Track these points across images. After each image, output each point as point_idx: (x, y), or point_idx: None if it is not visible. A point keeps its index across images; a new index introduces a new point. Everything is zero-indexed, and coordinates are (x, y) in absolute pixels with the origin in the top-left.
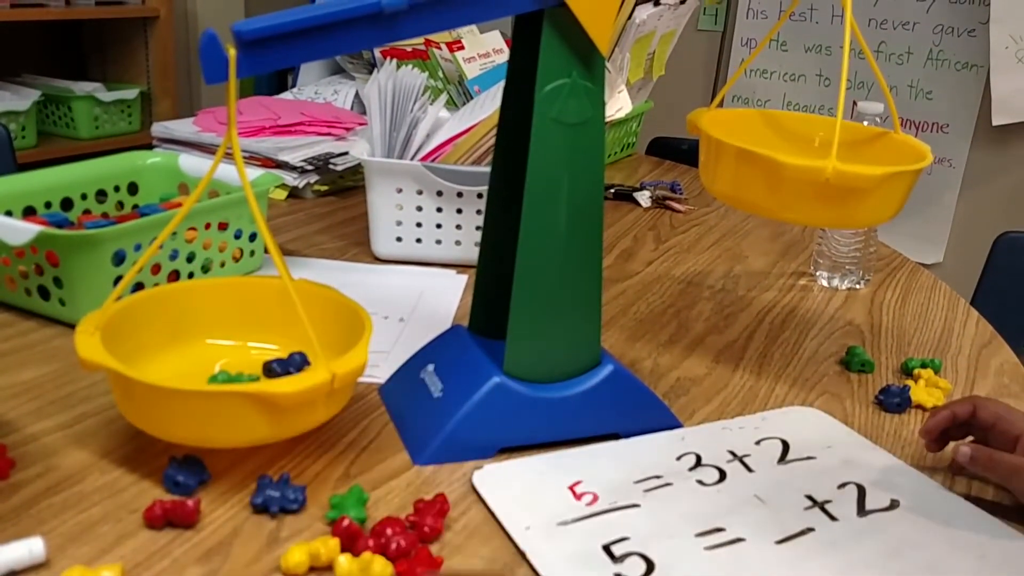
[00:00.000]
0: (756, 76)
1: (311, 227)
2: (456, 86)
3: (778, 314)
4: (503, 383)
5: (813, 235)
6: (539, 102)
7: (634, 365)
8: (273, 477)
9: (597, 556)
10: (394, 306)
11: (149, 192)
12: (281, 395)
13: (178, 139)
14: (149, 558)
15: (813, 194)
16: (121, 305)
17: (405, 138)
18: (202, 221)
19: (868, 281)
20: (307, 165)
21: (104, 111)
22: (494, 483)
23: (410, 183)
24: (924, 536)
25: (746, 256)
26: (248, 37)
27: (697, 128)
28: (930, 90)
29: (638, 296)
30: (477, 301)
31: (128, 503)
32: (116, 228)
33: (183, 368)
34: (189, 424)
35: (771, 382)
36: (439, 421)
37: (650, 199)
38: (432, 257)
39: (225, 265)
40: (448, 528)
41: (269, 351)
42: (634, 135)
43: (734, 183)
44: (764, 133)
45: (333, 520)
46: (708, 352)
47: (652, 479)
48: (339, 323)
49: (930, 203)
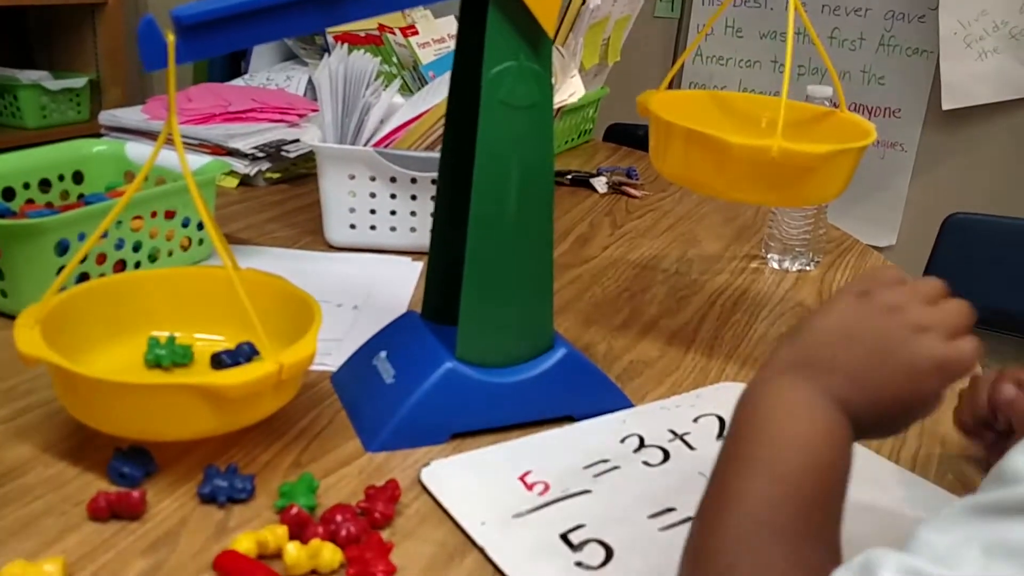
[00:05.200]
0: (712, 63)
1: (263, 215)
2: (411, 72)
3: (729, 296)
4: (455, 368)
5: (765, 218)
6: (486, 85)
7: (588, 349)
8: (221, 467)
9: (556, 546)
10: (348, 294)
11: (95, 181)
12: (227, 387)
13: (127, 127)
14: (93, 551)
15: (760, 173)
16: (63, 297)
17: (357, 124)
18: (148, 209)
19: (818, 263)
20: (258, 152)
21: (52, 100)
22: (443, 479)
23: (363, 169)
24: (866, 504)
25: (700, 240)
26: (187, 22)
27: (647, 110)
28: (882, 75)
29: (593, 281)
30: (430, 287)
31: (72, 496)
32: (59, 217)
33: (127, 360)
34: (133, 418)
35: (721, 363)
36: (391, 407)
37: (606, 185)
38: (387, 244)
39: (173, 254)
40: (399, 514)
41: (216, 342)
42: (591, 121)
43: (684, 164)
44: (713, 114)
45: (282, 508)
46: (661, 335)
47: (600, 463)
48: (288, 313)
49: (882, 187)
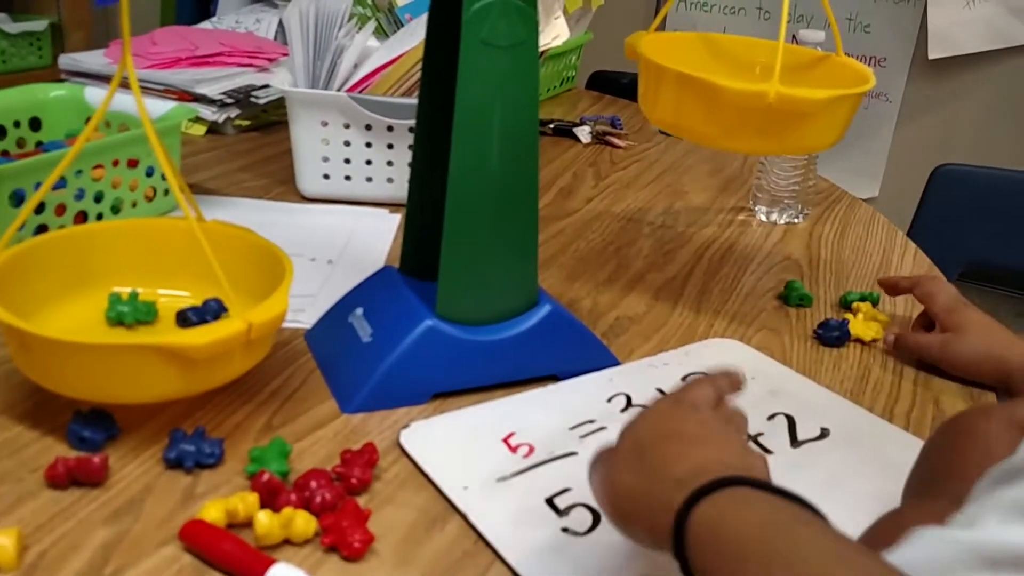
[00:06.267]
0: (696, 9)
1: (232, 164)
2: (385, 14)
3: (717, 250)
4: (436, 326)
5: (752, 170)
6: (467, 23)
7: (573, 305)
8: (188, 430)
9: (541, 511)
10: (322, 247)
11: (54, 128)
12: (193, 347)
13: (88, 72)
14: (51, 520)
15: (755, 120)
16: (16, 250)
17: (330, 68)
18: (110, 158)
19: (807, 215)
20: (227, 98)
21: (11, 44)
22: (423, 441)
23: (336, 116)
24: (860, 464)
25: (686, 192)
26: None
27: (636, 52)
28: (868, 23)
29: (577, 234)
30: (408, 241)
31: (28, 461)
32: (15, 165)
33: (87, 318)
34: (93, 380)
35: (710, 318)
36: (368, 367)
37: (590, 135)
38: (362, 195)
39: (137, 205)
40: (377, 479)
41: (182, 299)
42: (573, 68)
43: (674, 110)
44: (704, 58)
45: (253, 474)
46: (647, 290)
47: (586, 424)
48: (257, 268)
49: (866, 137)
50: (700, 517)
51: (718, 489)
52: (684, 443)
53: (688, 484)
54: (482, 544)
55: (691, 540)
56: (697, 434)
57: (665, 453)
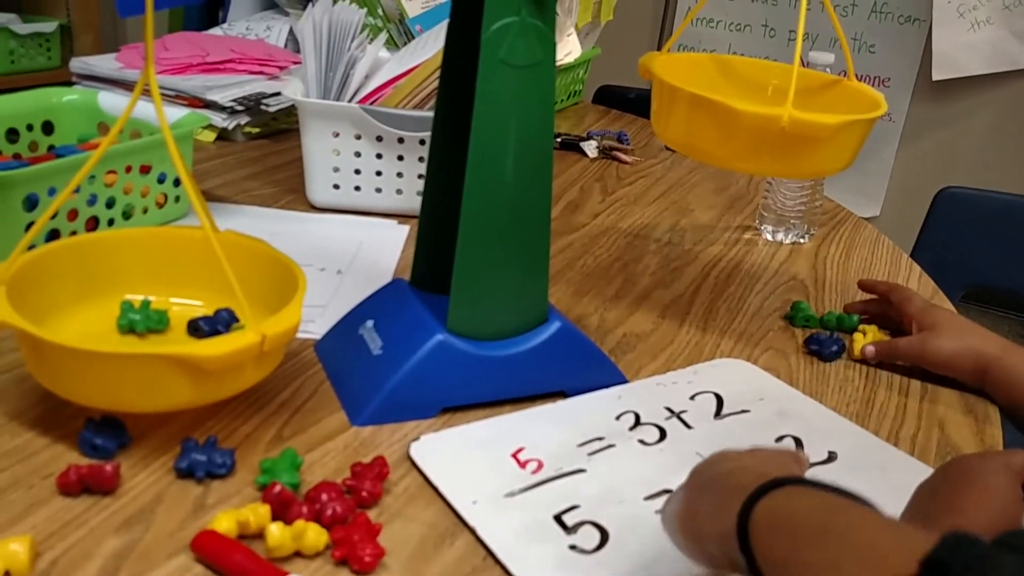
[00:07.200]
0: (702, 25)
1: (242, 172)
2: (397, 25)
3: (723, 268)
4: (446, 340)
5: (759, 188)
6: (486, 42)
7: (580, 321)
8: (199, 440)
9: (549, 527)
10: (331, 257)
11: (66, 132)
12: (207, 358)
13: (99, 76)
14: (63, 527)
15: (767, 143)
16: (31, 256)
17: (342, 78)
18: (122, 164)
19: (812, 235)
20: (237, 105)
21: (20, 45)
22: (433, 454)
23: (347, 127)
24: (867, 489)
25: (692, 209)
26: None
27: (650, 72)
28: (873, 43)
29: (585, 249)
30: (419, 253)
31: (40, 468)
32: (28, 170)
33: (99, 325)
34: (105, 388)
35: (716, 338)
36: (378, 380)
37: (597, 149)
38: (372, 206)
39: (148, 212)
40: (388, 492)
41: (194, 308)
42: (581, 82)
43: (687, 130)
44: (717, 79)
45: (264, 485)
46: (654, 307)
47: (595, 441)
48: (270, 279)
49: (868, 157)
50: (760, 511)
51: (777, 487)
52: (746, 469)
53: (749, 488)
54: (491, 560)
55: (753, 532)
56: (757, 462)
57: (729, 477)
